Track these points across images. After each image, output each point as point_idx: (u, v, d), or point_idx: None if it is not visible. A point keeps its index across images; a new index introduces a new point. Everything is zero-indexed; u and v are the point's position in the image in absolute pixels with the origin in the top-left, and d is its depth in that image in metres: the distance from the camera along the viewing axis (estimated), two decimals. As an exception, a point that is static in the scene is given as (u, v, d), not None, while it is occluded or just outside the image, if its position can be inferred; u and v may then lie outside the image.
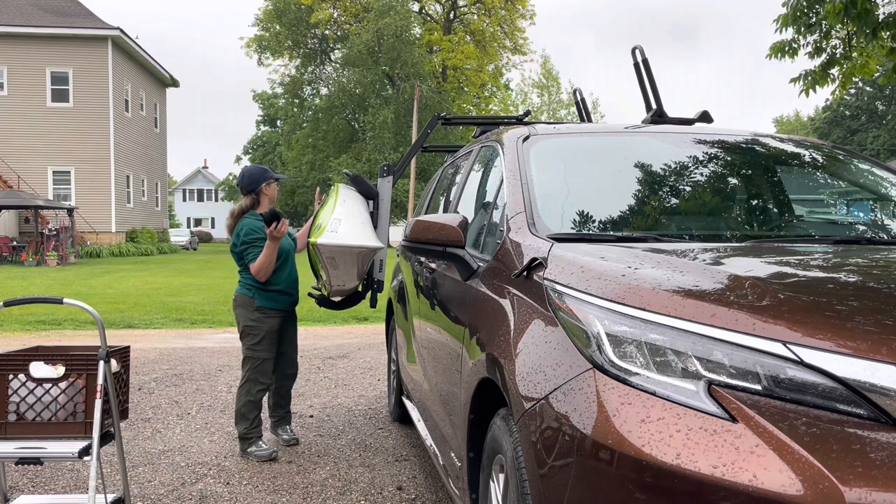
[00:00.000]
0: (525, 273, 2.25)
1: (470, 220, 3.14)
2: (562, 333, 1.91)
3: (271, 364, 4.53)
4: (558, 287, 2.02)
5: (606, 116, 40.91)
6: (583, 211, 2.72)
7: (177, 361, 7.51)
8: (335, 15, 40.27)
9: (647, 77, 4.17)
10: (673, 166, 3.05)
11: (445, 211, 4.02)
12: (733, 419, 1.50)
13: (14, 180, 28.47)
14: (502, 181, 2.92)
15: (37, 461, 2.97)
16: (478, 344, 2.47)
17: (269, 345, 4.48)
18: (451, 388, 2.92)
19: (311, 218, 4.66)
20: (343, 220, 4.27)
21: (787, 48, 8.16)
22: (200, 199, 75.74)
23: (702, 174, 3.10)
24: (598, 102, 43.59)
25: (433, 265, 3.60)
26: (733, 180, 3.19)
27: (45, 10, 30.57)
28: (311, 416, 5.36)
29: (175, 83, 38.20)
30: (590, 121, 5.34)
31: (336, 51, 42.12)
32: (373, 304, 4.80)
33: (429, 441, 3.62)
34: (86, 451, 2.96)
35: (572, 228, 2.59)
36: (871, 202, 3.32)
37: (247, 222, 4.45)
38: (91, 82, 29.58)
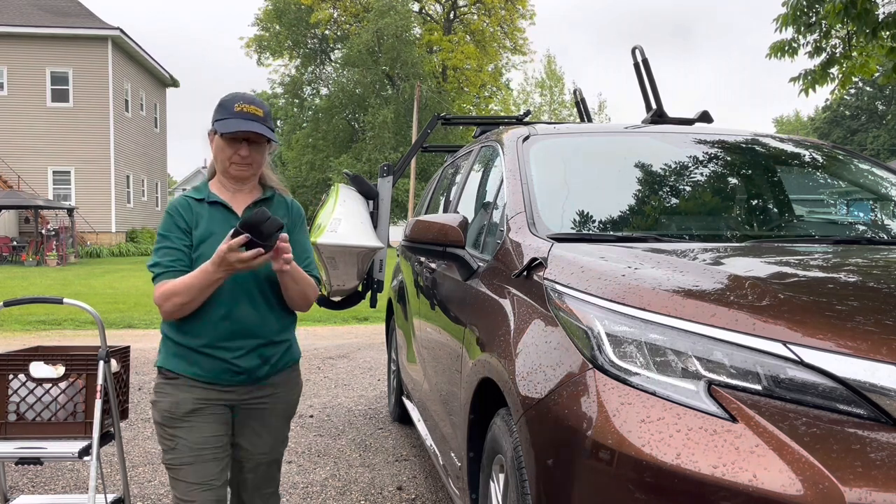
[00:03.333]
0: (525, 273, 2.25)
1: (470, 220, 3.14)
2: (562, 333, 1.91)
3: (195, 486, 2.29)
4: (558, 287, 2.02)
5: (611, 118, 40.78)
6: (583, 211, 2.72)
7: (177, 361, 7.50)
8: (335, 15, 40.26)
9: (647, 77, 4.17)
10: (673, 166, 3.05)
11: (445, 211, 4.02)
12: (733, 419, 1.50)
13: (14, 180, 28.45)
14: (502, 181, 2.91)
15: (37, 461, 2.97)
16: (478, 344, 2.47)
17: (178, 444, 2.31)
18: (451, 388, 2.92)
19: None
20: (343, 220, 4.27)
21: (786, 48, 8.17)
22: (200, 199, 75.63)
23: (702, 174, 3.10)
24: (605, 104, 43.36)
25: (433, 265, 3.59)
26: (733, 180, 3.19)
27: (45, 10, 30.55)
28: (311, 416, 5.36)
29: (175, 83, 38.18)
30: (590, 121, 5.34)
31: (336, 51, 42.11)
32: (373, 304, 4.80)
33: (429, 441, 3.62)
34: (86, 451, 2.96)
35: (572, 228, 2.59)
36: (871, 202, 3.32)
37: (171, 203, 2.37)
38: (91, 82, 29.55)
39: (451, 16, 41.26)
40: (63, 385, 3.07)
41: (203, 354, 2.29)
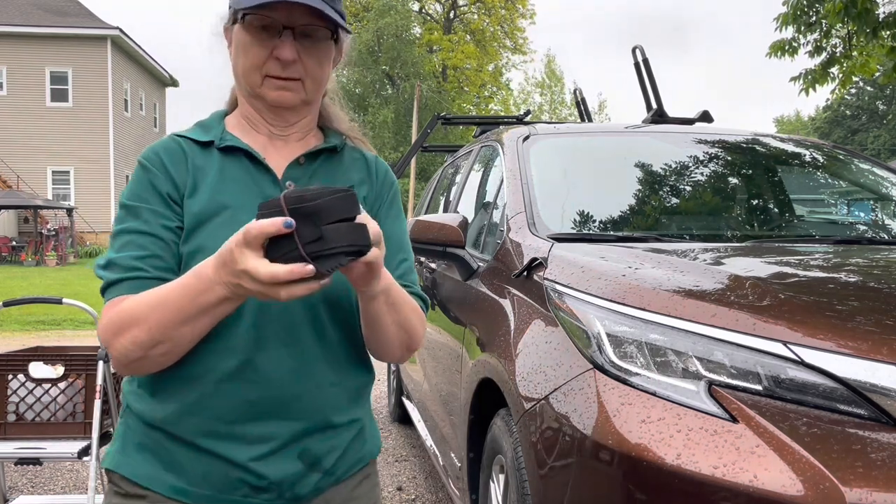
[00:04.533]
0: (525, 273, 2.25)
1: (470, 220, 3.14)
2: (562, 333, 1.90)
3: None
4: (558, 287, 2.01)
5: (611, 117, 40.75)
6: (583, 211, 2.71)
7: (177, 361, 7.49)
8: (335, 15, 40.29)
9: (647, 77, 4.17)
10: (673, 166, 3.05)
11: (445, 211, 4.02)
12: (734, 419, 1.49)
13: (13, 180, 28.46)
14: (502, 181, 2.91)
15: (36, 461, 2.97)
16: (478, 344, 2.46)
17: None
18: (451, 389, 2.91)
19: None
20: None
21: (787, 47, 8.18)
22: (200, 198, 75.62)
23: (702, 174, 3.10)
24: (605, 104, 43.26)
25: (433, 265, 3.59)
26: (734, 180, 3.19)
27: (45, 9, 30.55)
28: (311, 416, 5.36)
29: (174, 83, 38.18)
30: (590, 120, 5.34)
31: (336, 50, 42.14)
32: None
33: (429, 441, 3.61)
34: (85, 452, 2.95)
35: (572, 228, 2.59)
36: (871, 202, 3.32)
37: (149, 149, 1.22)
38: (91, 82, 29.56)
39: (451, 15, 41.28)
40: (62, 385, 3.07)
41: (192, 448, 1.16)
